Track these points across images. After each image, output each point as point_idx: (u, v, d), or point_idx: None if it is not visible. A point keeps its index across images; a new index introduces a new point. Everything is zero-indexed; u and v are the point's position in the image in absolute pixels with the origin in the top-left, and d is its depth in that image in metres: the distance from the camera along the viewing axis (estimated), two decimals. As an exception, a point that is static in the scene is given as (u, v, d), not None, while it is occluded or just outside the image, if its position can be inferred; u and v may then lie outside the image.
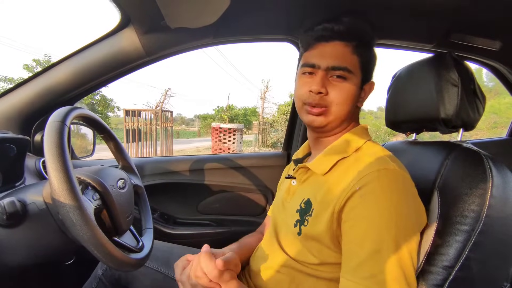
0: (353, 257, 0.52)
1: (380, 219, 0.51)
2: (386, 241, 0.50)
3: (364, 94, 0.69)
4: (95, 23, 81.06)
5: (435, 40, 1.03)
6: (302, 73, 0.69)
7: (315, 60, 0.66)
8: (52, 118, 0.60)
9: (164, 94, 10.56)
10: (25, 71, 16.58)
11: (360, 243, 0.52)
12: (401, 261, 0.50)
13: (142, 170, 1.29)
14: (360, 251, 0.51)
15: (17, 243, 0.64)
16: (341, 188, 0.57)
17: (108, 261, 0.59)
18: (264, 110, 15.58)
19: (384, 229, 0.51)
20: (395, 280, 0.49)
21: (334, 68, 0.64)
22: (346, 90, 0.64)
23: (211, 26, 0.92)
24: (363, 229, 0.52)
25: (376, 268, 0.49)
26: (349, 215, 0.54)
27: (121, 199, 0.73)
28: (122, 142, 0.91)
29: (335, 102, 0.64)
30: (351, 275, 0.52)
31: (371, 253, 0.50)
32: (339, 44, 0.65)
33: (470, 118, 0.70)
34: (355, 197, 0.54)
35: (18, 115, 0.99)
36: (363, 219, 0.52)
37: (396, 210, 0.52)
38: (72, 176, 0.55)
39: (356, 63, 0.65)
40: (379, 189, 0.53)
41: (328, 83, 0.64)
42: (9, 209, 0.60)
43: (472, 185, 0.57)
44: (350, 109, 0.66)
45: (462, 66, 0.69)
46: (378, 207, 0.52)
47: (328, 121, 0.65)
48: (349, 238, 0.54)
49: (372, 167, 0.55)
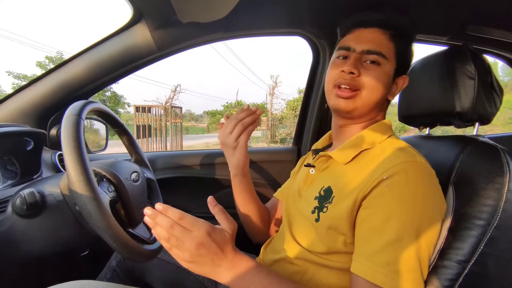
0: (371, 243, 0.52)
1: (403, 210, 0.51)
2: (407, 232, 0.50)
3: (396, 88, 0.68)
4: (107, 19, 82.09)
5: (450, 32, 1.00)
6: (336, 57, 0.68)
7: (351, 43, 0.65)
8: (68, 112, 0.62)
9: (174, 90, 10.64)
10: (38, 68, 16.92)
11: (380, 231, 0.51)
12: (419, 253, 0.50)
13: (154, 164, 1.31)
14: (378, 238, 0.51)
15: (36, 233, 0.66)
16: (365, 176, 0.56)
17: (123, 251, 0.60)
18: (273, 106, 15.54)
19: (406, 219, 0.50)
20: (411, 271, 0.49)
21: (369, 51, 0.63)
22: (378, 76, 0.63)
23: (222, 21, 0.92)
24: (385, 217, 0.51)
25: (393, 257, 0.49)
26: (372, 202, 0.54)
27: (135, 192, 0.74)
28: (133, 138, 0.93)
29: (366, 86, 0.63)
30: (367, 260, 0.51)
31: (390, 242, 0.50)
32: (377, 31, 0.64)
33: (486, 112, 0.68)
34: (381, 186, 0.53)
35: (34, 110, 1.02)
36: (386, 207, 0.52)
37: (421, 203, 0.52)
38: (88, 168, 0.57)
39: (391, 50, 0.64)
40: (406, 180, 0.52)
41: (361, 66, 0.63)
42: (29, 199, 0.62)
43: (489, 179, 0.56)
44: (379, 98, 0.65)
45: (479, 58, 0.68)
46: (403, 197, 0.51)
47: (356, 106, 0.64)
48: (368, 224, 0.53)
49: (400, 158, 0.55)
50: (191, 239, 0.48)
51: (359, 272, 0.51)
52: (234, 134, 0.73)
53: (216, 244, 0.50)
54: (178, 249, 0.49)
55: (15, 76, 16.78)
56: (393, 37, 0.64)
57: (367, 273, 0.50)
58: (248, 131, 0.74)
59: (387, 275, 0.49)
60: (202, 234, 0.49)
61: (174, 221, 0.49)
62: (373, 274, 0.49)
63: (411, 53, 0.69)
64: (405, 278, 0.48)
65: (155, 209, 0.50)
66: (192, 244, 0.48)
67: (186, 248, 0.48)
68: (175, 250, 0.50)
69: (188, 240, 0.48)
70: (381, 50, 0.63)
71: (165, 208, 0.50)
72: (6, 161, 0.83)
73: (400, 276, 0.48)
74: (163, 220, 0.49)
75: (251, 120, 0.73)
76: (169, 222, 0.49)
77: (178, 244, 0.49)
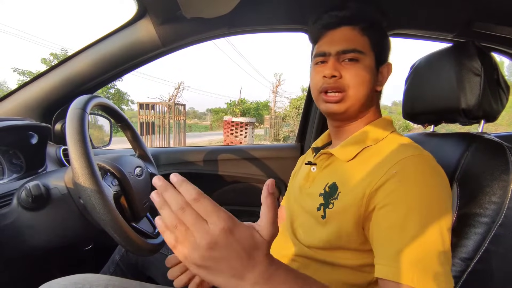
0: (394, 242, 0.48)
1: (421, 203, 0.49)
2: (429, 224, 0.48)
3: (382, 77, 0.68)
4: (112, 16, 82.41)
5: (456, 29, 0.99)
6: (315, 64, 0.69)
7: (325, 48, 0.66)
8: (73, 106, 0.62)
9: (177, 87, 10.66)
10: (43, 65, 17.02)
11: (401, 228, 0.48)
12: (444, 244, 0.48)
13: (157, 160, 1.31)
14: (401, 236, 0.48)
15: (40, 226, 0.67)
16: (371, 171, 0.56)
17: (126, 245, 0.61)
18: (276, 104, 15.54)
19: (425, 212, 0.49)
20: (441, 264, 0.46)
21: (344, 51, 0.63)
22: (360, 72, 0.63)
23: (226, 16, 0.92)
24: (404, 213, 0.49)
25: (421, 252, 0.46)
26: (387, 199, 0.52)
27: (138, 186, 0.74)
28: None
29: (351, 84, 0.63)
30: (393, 260, 0.47)
31: (414, 237, 0.47)
32: (347, 29, 0.65)
33: (492, 109, 0.67)
34: (392, 181, 0.52)
35: (39, 105, 1.03)
36: (403, 203, 0.50)
37: (435, 193, 0.51)
38: (93, 161, 0.57)
39: (366, 44, 0.64)
40: (416, 173, 0.52)
41: (341, 67, 0.64)
42: (34, 191, 0.62)
43: (494, 176, 0.56)
44: (368, 92, 0.64)
45: (485, 55, 0.67)
46: (418, 190, 0.50)
47: (347, 106, 0.64)
48: (387, 223, 0.51)
49: (407, 152, 0.54)
50: (204, 233, 0.33)
51: (387, 275, 0.47)
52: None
53: (241, 247, 0.34)
54: (185, 245, 0.34)
55: (20, 72, 16.91)
56: (364, 30, 0.65)
57: (395, 274, 0.46)
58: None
59: (418, 273, 0.45)
60: (220, 229, 0.33)
61: (188, 202, 0.35)
62: (402, 274, 0.46)
63: (387, 40, 0.70)
64: (437, 273, 0.45)
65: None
66: (204, 241, 0.33)
67: (196, 246, 0.34)
68: (181, 247, 0.35)
69: (201, 234, 0.33)
70: (355, 46, 0.63)
71: (180, 181, 0.36)
72: (11, 155, 0.84)
73: (432, 272, 0.45)
74: (174, 198, 0.35)
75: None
76: (181, 203, 0.35)
77: (186, 237, 0.34)
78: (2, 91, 19.72)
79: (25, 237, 0.66)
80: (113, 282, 0.64)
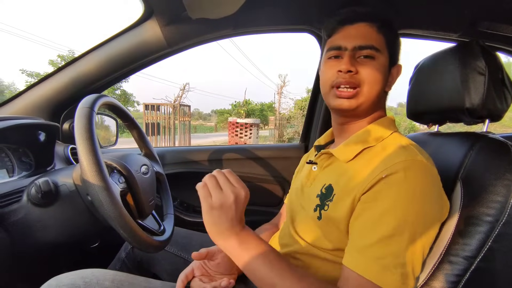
0: (364, 238, 0.52)
1: (399, 207, 0.50)
2: (401, 229, 0.49)
3: (391, 78, 0.68)
4: (119, 18, 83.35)
5: (461, 29, 0.99)
6: (327, 58, 0.68)
7: (341, 42, 0.65)
8: (81, 105, 0.64)
9: (182, 88, 10.72)
10: (51, 66, 17.24)
11: (374, 226, 0.51)
12: (413, 251, 0.50)
13: (163, 159, 1.33)
14: (372, 233, 0.51)
15: (49, 222, 0.68)
16: (365, 175, 0.56)
17: (132, 241, 0.62)
18: (281, 105, 15.54)
19: (401, 217, 0.50)
20: (398, 267, 0.48)
21: (361, 47, 0.63)
22: (376, 69, 0.62)
23: (231, 17, 0.93)
24: (380, 213, 0.51)
25: (385, 251, 0.49)
26: (368, 198, 0.54)
27: (144, 184, 0.76)
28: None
29: (367, 81, 0.62)
30: (359, 253, 0.51)
31: (383, 237, 0.50)
32: (364, 25, 0.64)
33: (497, 108, 0.67)
34: (379, 184, 0.53)
35: (47, 104, 1.05)
36: (382, 204, 0.52)
37: (418, 202, 0.51)
38: (100, 158, 0.58)
39: (382, 42, 0.64)
40: (404, 178, 0.52)
41: (357, 63, 0.63)
42: (44, 187, 0.64)
43: (498, 175, 0.56)
44: (380, 92, 0.64)
45: (490, 54, 0.67)
46: (400, 196, 0.51)
47: (359, 103, 0.63)
48: (363, 219, 0.53)
49: (400, 157, 0.54)
50: (231, 191, 0.52)
51: (350, 264, 0.51)
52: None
53: (241, 212, 0.54)
54: (212, 190, 0.53)
55: (28, 74, 17.14)
56: (381, 28, 0.64)
57: (358, 266, 0.50)
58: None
59: (377, 269, 0.48)
60: (243, 194, 0.53)
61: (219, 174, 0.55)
62: (363, 267, 0.49)
63: (399, 41, 0.69)
64: (394, 272, 0.48)
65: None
66: (228, 195, 0.52)
67: (219, 195, 0.52)
68: (206, 189, 0.53)
69: (227, 188, 0.53)
70: (373, 43, 0.63)
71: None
72: (21, 153, 0.86)
73: (389, 271, 0.48)
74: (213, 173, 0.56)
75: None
76: (213, 173, 0.56)
77: (215, 186, 0.53)
78: (10, 92, 20.02)
79: (34, 233, 0.68)
80: (119, 277, 0.65)
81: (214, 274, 0.72)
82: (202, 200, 0.53)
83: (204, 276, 0.71)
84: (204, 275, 0.71)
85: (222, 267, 0.72)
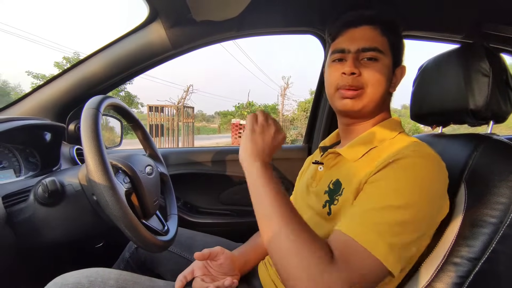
0: (364, 207, 0.51)
1: (406, 189, 0.50)
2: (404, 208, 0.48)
3: (395, 79, 0.68)
4: (124, 20, 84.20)
5: (465, 30, 0.99)
6: (332, 61, 0.69)
7: (345, 45, 0.66)
8: (87, 106, 0.65)
9: (186, 90, 10.77)
10: (56, 68, 17.38)
11: (377, 200, 0.50)
12: (409, 229, 0.48)
13: (167, 160, 1.33)
14: (373, 205, 0.50)
15: (55, 221, 0.69)
16: (373, 165, 0.57)
17: (137, 240, 0.63)
18: (284, 107, 15.53)
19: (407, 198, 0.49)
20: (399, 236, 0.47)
21: (364, 49, 0.63)
22: (379, 71, 0.63)
23: (235, 19, 0.94)
24: (385, 190, 0.51)
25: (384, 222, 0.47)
26: (375, 178, 0.54)
27: (149, 184, 0.76)
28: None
29: (370, 82, 0.63)
30: (354, 216, 0.50)
31: (383, 209, 0.48)
32: (368, 28, 0.65)
33: (501, 110, 0.67)
34: (388, 167, 0.53)
35: (54, 106, 1.06)
36: (388, 183, 0.51)
37: (424, 187, 0.50)
38: (106, 158, 0.59)
39: (385, 44, 0.65)
40: (412, 163, 0.52)
41: (360, 65, 0.64)
42: (51, 187, 0.65)
43: (502, 177, 0.56)
44: (383, 93, 0.65)
45: (494, 56, 0.67)
46: (408, 178, 0.51)
47: (363, 104, 0.64)
48: (366, 195, 0.53)
49: (410, 147, 0.55)
50: (274, 125, 0.63)
51: (344, 228, 0.49)
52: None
53: (273, 150, 0.62)
54: (260, 118, 0.63)
55: (34, 76, 17.28)
56: (384, 31, 0.65)
57: (352, 230, 0.48)
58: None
59: (372, 234, 0.47)
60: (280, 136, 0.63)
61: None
62: (358, 231, 0.48)
63: (402, 43, 0.70)
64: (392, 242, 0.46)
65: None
66: (271, 127, 0.62)
67: (264, 123, 0.62)
68: (254, 117, 0.64)
69: (271, 123, 0.63)
70: (376, 45, 0.63)
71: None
72: (28, 153, 0.87)
73: (386, 238, 0.46)
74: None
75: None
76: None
77: (264, 118, 0.64)
78: (16, 94, 20.24)
79: (41, 232, 0.69)
80: (123, 277, 0.66)
81: (216, 274, 0.72)
82: (248, 124, 0.62)
83: (206, 276, 0.71)
84: (206, 275, 0.72)
85: (225, 267, 0.72)
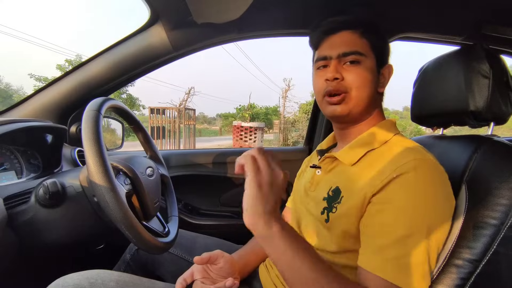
0: (380, 238, 0.52)
1: (414, 207, 0.51)
2: (417, 228, 0.50)
3: (383, 79, 0.69)
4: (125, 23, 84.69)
5: (465, 32, 0.99)
6: (316, 69, 0.70)
7: (326, 52, 0.67)
8: (89, 107, 0.65)
9: (187, 92, 10.79)
10: (58, 71, 17.47)
11: (390, 227, 0.51)
12: (429, 249, 0.50)
13: (168, 162, 1.34)
14: (388, 234, 0.51)
15: (56, 222, 0.69)
16: (374, 174, 0.57)
17: (137, 242, 0.63)
18: (286, 109, 15.50)
19: (417, 216, 0.51)
20: (419, 265, 0.49)
21: (345, 54, 0.64)
22: (362, 73, 0.64)
23: (236, 21, 0.94)
24: (395, 214, 0.52)
25: (403, 252, 0.49)
26: (382, 199, 0.54)
27: (149, 186, 0.77)
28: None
29: (354, 86, 0.64)
30: (376, 254, 0.51)
31: (400, 237, 0.50)
32: (347, 33, 0.66)
33: (502, 111, 0.67)
34: (391, 184, 0.53)
35: (55, 108, 1.07)
36: (395, 205, 0.52)
37: (431, 200, 0.52)
38: (107, 159, 0.59)
39: (366, 46, 0.65)
40: (416, 178, 0.52)
41: (343, 70, 0.65)
42: (52, 188, 0.65)
43: (503, 178, 0.55)
44: (370, 94, 0.66)
45: (494, 57, 0.67)
46: (414, 195, 0.52)
47: (350, 108, 0.65)
48: (377, 220, 0.53)
49: (409, 156, 0.55)
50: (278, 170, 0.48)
51: (367, 266, 0.51)
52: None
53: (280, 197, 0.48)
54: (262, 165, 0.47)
55: (36, 78, 17.38)
56: (364, 33, 0.66)
57: (376, 266, 0.50)
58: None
59: (396, 269, 0.49)
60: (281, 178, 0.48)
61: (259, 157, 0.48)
62: (381, 267, 0.49)
63: (386, 43, 0.71)
64: (413, 272, 0.48)
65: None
66: (278, 174, 0.47)
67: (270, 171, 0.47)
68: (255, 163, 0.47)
69: (275, 167, 0.48)
70: (356, 49, 0.64)
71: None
72: (29, 155, 0.88)
73: (409, 270, 0.48)
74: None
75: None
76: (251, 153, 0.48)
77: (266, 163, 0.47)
78: (19, 96, 20.35)
79: (42, 233, 0.69)
80: (124, 279, 0.66)
81: (216, 277, 0.72)
82: (251, 175, 0.46)
83: (206, 279, 0.72)
84: (206, 278, 0.72)
85: (225, 271, 0.72)
